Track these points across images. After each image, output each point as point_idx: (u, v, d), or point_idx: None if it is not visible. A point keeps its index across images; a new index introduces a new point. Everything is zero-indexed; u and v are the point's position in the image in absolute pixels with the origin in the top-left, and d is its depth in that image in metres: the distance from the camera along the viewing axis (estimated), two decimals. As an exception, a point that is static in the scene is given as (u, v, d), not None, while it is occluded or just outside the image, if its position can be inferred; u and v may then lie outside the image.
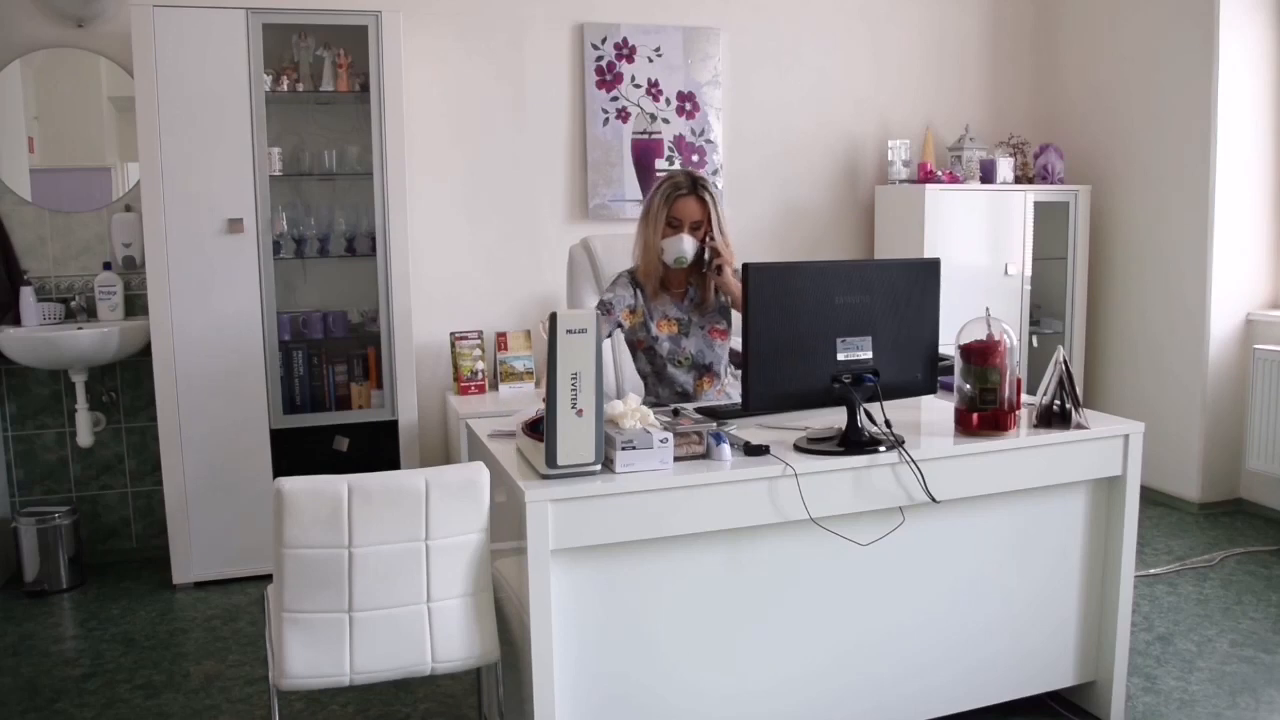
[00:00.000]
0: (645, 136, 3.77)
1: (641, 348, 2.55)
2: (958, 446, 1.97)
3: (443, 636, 1.72)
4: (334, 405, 3.29)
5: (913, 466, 1.88)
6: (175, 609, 2.94)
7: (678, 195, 2.42)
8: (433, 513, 1.68)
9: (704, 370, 2.52)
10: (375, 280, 3.21)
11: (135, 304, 3.30)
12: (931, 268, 2.00)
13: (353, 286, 3.38)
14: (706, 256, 2.45)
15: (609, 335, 2.47)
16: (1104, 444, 2.08)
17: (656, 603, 1.83)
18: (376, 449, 3.27)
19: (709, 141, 3.85)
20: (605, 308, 2.46)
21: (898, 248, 3.90)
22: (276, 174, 3.14)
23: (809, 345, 1.88)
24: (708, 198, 2.43)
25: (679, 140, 3.81)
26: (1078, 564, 2.15)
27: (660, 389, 2.54)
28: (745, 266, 1.85)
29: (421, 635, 1.71)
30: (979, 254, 3.87)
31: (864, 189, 4.12)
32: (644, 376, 2.59)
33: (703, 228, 2.43)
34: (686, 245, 2.41)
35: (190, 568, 3.09)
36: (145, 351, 3.16)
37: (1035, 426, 2.08)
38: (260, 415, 3.10)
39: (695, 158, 3.84)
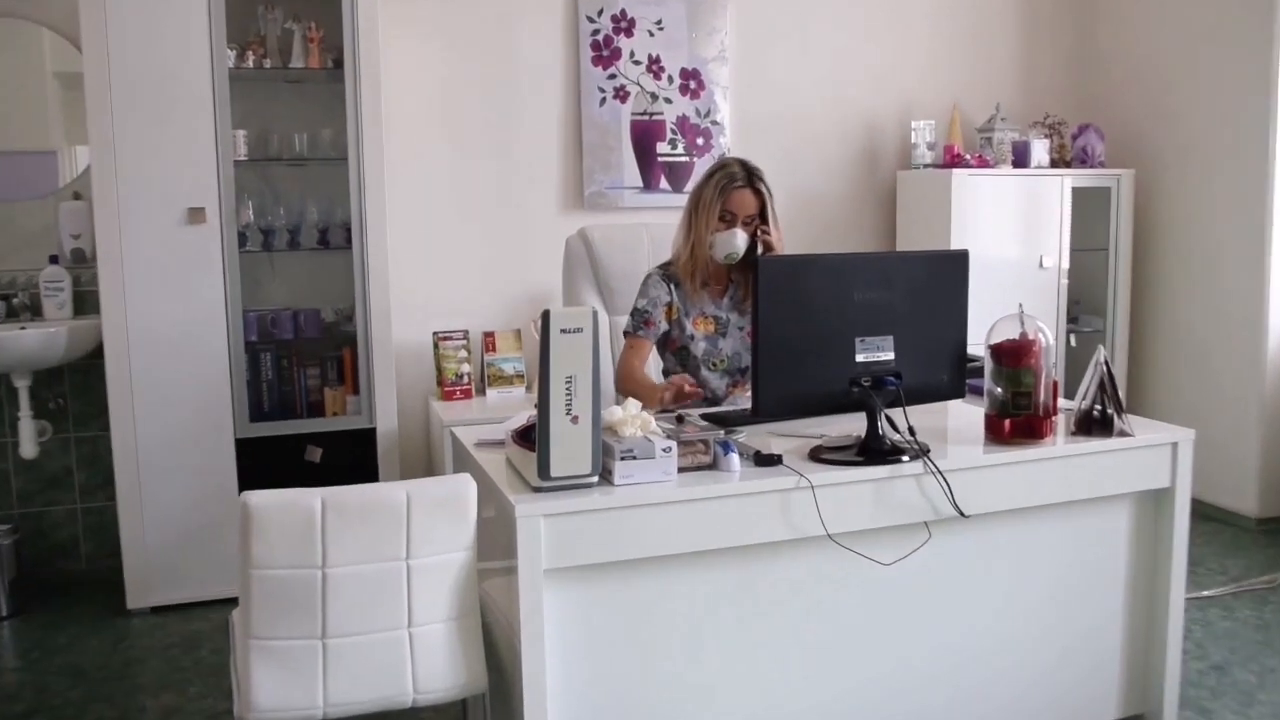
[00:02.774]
0: (645, 118, 3.78)
1: (674, 348, 2.58)
2: (988, 456, 1.97)
3: (425, 665, 1.72)
4: (306, 412, 3.29)
5: (939, 478, 1.88)
6: (130, 637, 2.94)
7: (733, 187, 2.45)
8: (414, 529, 1.68)
9: (739, 375, 2.55)
10: (351, 275, 3.21)
11: (85, 301, 3.30)
12: (959, 260, 2.01)
13: (326, 282, 3.38)
14: (760, 251, 2.48)
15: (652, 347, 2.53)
16: (1150, 453, 2.09)
17: (659, 628, 1.83)
18: (352, 460, 3.27)
19: (715, 123, 3.86)
20: (643, 318, 2.51)
21: (922, 238, 3.90)
22: (242, 159, 3.14)
23: (825, 345, 1.89)
24: (764, 189, 2.47)
25: (682, 122, 3.82)
26: (1122, 585, 2.16)
27: None
28: (755, 260, 1.86)
29: (402, 663, 1.71)
30: (1011, 245, 3.88)
31: (885, 174, 4.12)
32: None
33: (755, 222, 2.46)
34: (740, 241, 2.44)
35: (147, 591, 3.08)
36: (97, 353, 3.16)
37: (1074, 434, 2.08)
38: (225, 423, 3.10)
39: (699, 140, 3.85)
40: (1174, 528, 2.12)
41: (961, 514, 1.90)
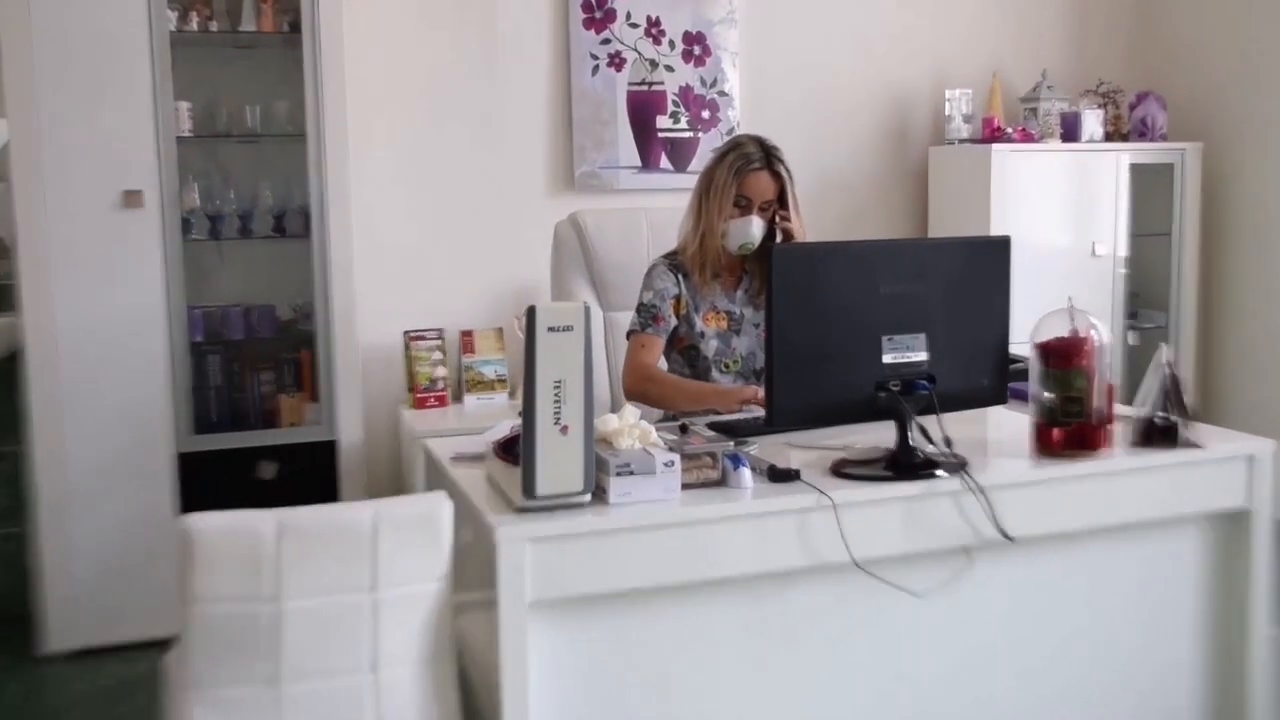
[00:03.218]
0: (644, 88, 3.78)
1: (681, 347, 2.59)
2: (1036, 470, 1.96)
3: (393, 713, 1.71)
4: (258, 422, 3.29)
5: (979, 495, 1.87)
6: (45, 685, 2.91)
7: (750, 169, 2.48)
8: (381, 556, 1.68)
9: (754, 378, 2.57)
10: (310, 267, 3.21)
11: (3, 297, 3.29)
12: (1000, 248, 2.01)
13: (282, 275, 3.38)
14: (779, 239, 2.50)
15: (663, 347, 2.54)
16: (1222, 467, 2.08)
17: (661, 668, 1.82)
18: (311, 477, 3.27)
19: (722, 94, 3.86)
20: (651, 313, 2.52)
21: (958, 223, 3.90)
22: (185, 135, 3.14)
23: (848, 345, 1.89)
24: (783, 171, 2.51)
25: (685, 92, 3.82)
26: (1193, 618, 2.14)
27: None
28: (770, 249, 1.85)
29: (365, 712, 1.70)
30: (1060, 230, 3.88)
31: (915, 151, 4.12)
32: None
33: (772, 208, 2.50)
34: (755, 229, 2.48)
35: (66, 632, 3.05)
36: (15, 357, 3.15)
37: (1134, 445, 2.08)
38: (164, 436, 3.10)
39: (705, 114, 3.85)
40: (1253, 554, 2.10)
41: (1006, 537, 1.89)
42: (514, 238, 3.67)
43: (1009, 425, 2.22)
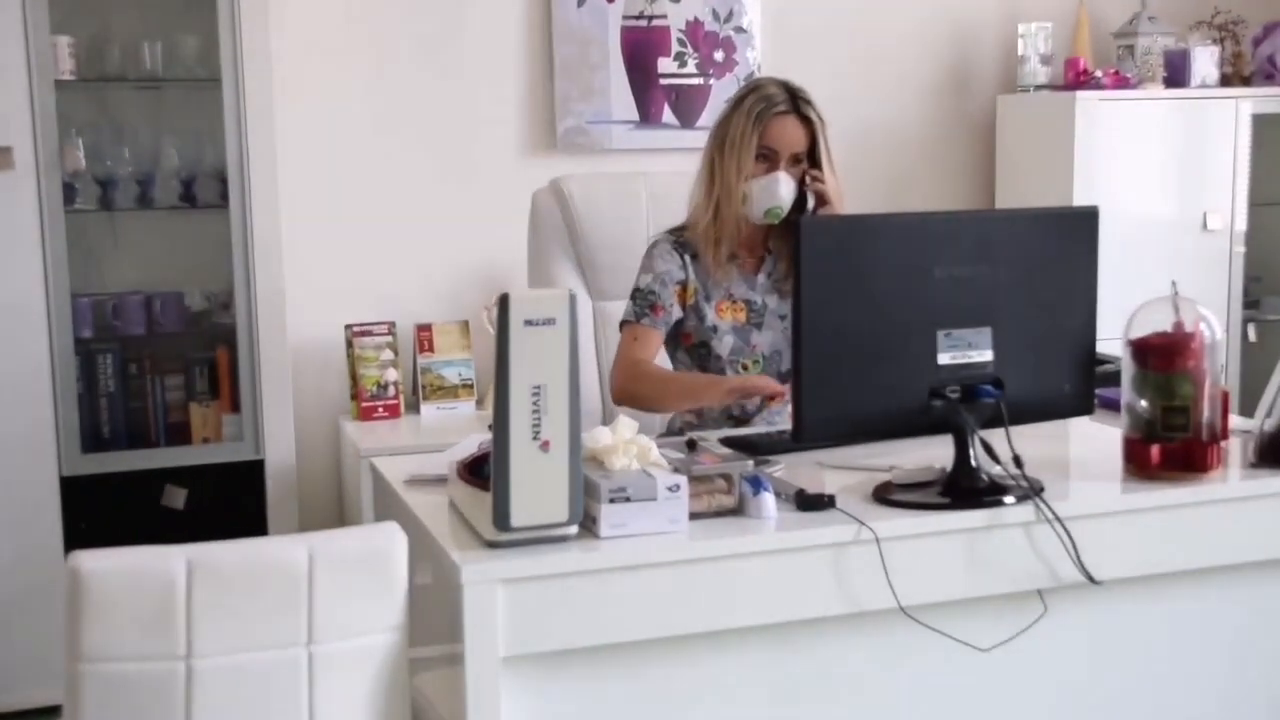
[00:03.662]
0: (642, 23, 3.79)
1: (688, 344, 2.60)
2: (1128, 497, 1.97)
3: (332, 796, 1.73)
4: (163, 438, 3.30)
5: (1058, 528, 1.89)
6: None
7: (773, 113, 2.49)
8: (319, 603, 1.68)
9: (779, 381, 2.56)
10: (228, 245, 3.22)
11: None
12: (1085, 222, 2.02)
13: (193, 255, 3.39)
14: (810, 206, 2.50)
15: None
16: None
17: (663, 740, 1.84)
18: (231, 505, 3.28)
19: (740, 30, 3.87)
20: (648, 301, 2.53)
21: (1033, 190, 3.91)
22: (66, 78, 3.14)
23: (895, 341, 1.89)
24: (814, 116, 2.51)
25: (693, 28, 3.83)
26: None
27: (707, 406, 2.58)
28: (796, 224, 1.87)
29: (299, 795, 1.71)
30: (1162, 198, 3.89)
31: (979, 101, 4.14)
32: None
33: (803, 164, 2.51)
34: (783, 188, 2.48)
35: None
36: None
37: (1252, 466, 2.09)
38: (44, 455, 3.11)
39: (718, 55, 3.86)
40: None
41: (1091, 579, 1.90)
42: (482, 210, 3.68)
43: (1095, 441, 2.23)
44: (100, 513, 3.17)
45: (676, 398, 2.53)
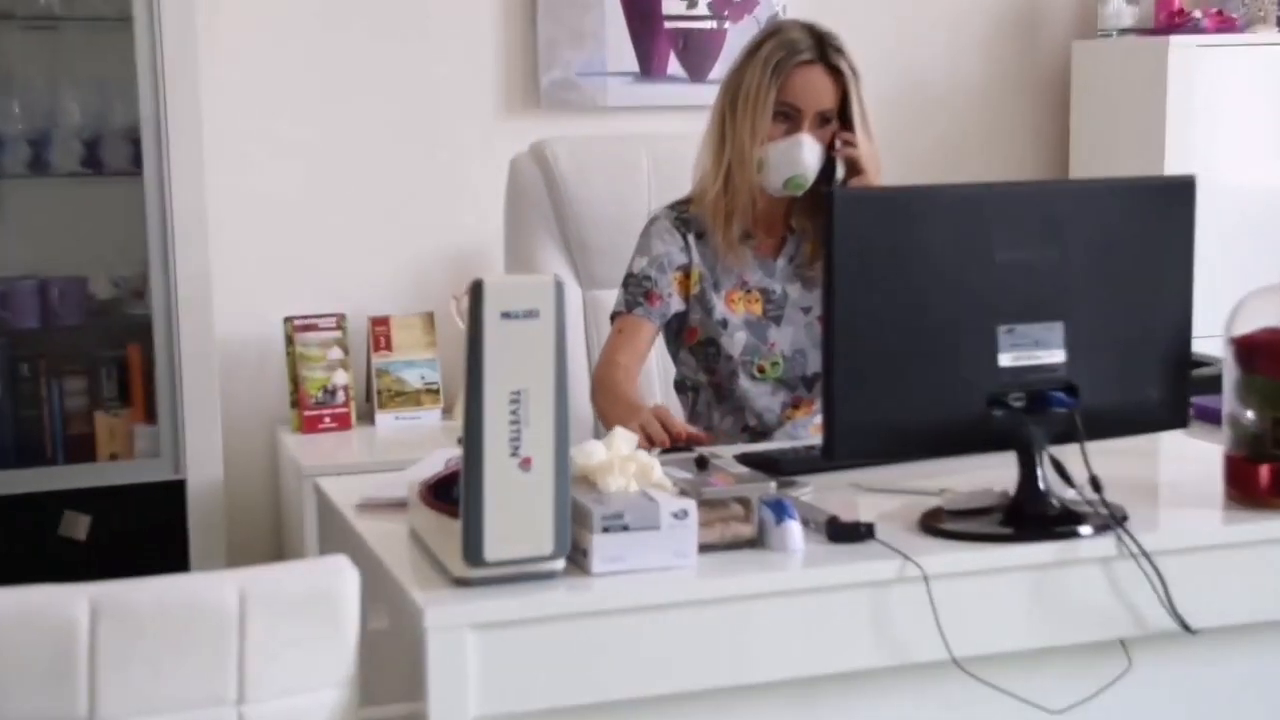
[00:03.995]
0: (644, -47, 3.80)
1: (693, 341, 2.61)
2: (1231, 528, 1.97)
3: None
4: (62, 455, 3.30)
5: (1145, 565, 1.87)
6: None
7: (795, 63, 2.48)
8: (252, 652, 1.67)
9: (802, 388, 2.58)
10: (141, 220, 3.21)
11: None
12: (1179, 194, 2.00)
13: (98, 232, 3.39)
14: (840, 175, 2.50)
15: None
16: None
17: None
18: (145, 534, 3.27)
19: (762, -39, 3.88)
20: (642, 288, 2.53)
21: (1115, 156, 3.91)
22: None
23: (946, 339, 1.89)
24: (845, 67, 2.51)
25: (707, -41, 3.84)
26: None
27: (718, 417, 2.58)
28: (827, 196, 1.86)
29: None
30: (1273, 166, 3.88)
31: (1052, 48, 4.14)
32: (689, 391, 2.63)
33: (832, 124, 2.51)
34: (807, 154, 2.48)
35: None
36: None
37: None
38: (-80, 474, 3.11)
39: (737, -8, 3.87)
40: None
41: (1185, 628, 1.88)
42: (449, 179, 3.68)
43: (1190, 460, 2.22)
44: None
45: (611, 415, 2.46)
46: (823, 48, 2.50)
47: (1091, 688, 1.91)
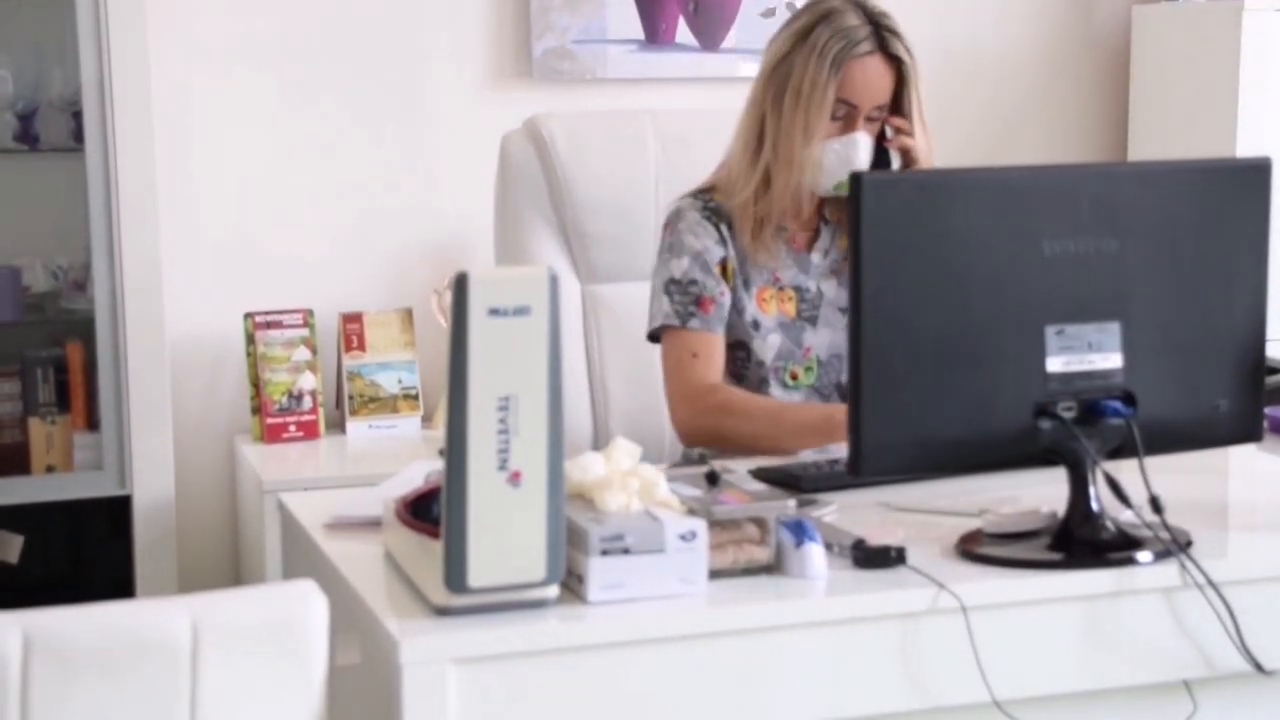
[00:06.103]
0: (650, -92, 3.80)
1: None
2: (1311, 556, 1.96)
3: None
4: (-10, 467, 3.29)
5: (1212, 596, 1.87)
6: None
7: (854, 54, 2.49)
8: (205, 688, 1.67)
9: (835, 394, 2.60)
10: (83, 203, 3.22)
11: None
12: (1253, 178, 2.00)
13: (33, 216, 3.41)
14: (895, 167, 2.53)
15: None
16: None
17: None
18: (86, 556, 3.27)
19: (784, -84, 3.87)
20: (692, 295, 2.51)
21: (1180, 133, 3.93)
22: None
23: (986, 342, 1.90)
24: (904, 55, 2.53)
25: (721, -86, 3.84)
26: None
27: None
28: (853, 179, 1.86)
29: None
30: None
31: (1107, 15, 4.17)
32: None
33: (882, 115, 2.54)
34: (864, 154, 2.51)
35: None
36: None
37: None
38: None
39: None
40: None
41: (1258, 668, 1.88)
42: (432, 160, 3.71)
43: (1263, 478, 2.24)
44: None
45: (793, 435, 2.46)
46: (881, 35, 2.50)
47: (1152, 735, 1.91)
